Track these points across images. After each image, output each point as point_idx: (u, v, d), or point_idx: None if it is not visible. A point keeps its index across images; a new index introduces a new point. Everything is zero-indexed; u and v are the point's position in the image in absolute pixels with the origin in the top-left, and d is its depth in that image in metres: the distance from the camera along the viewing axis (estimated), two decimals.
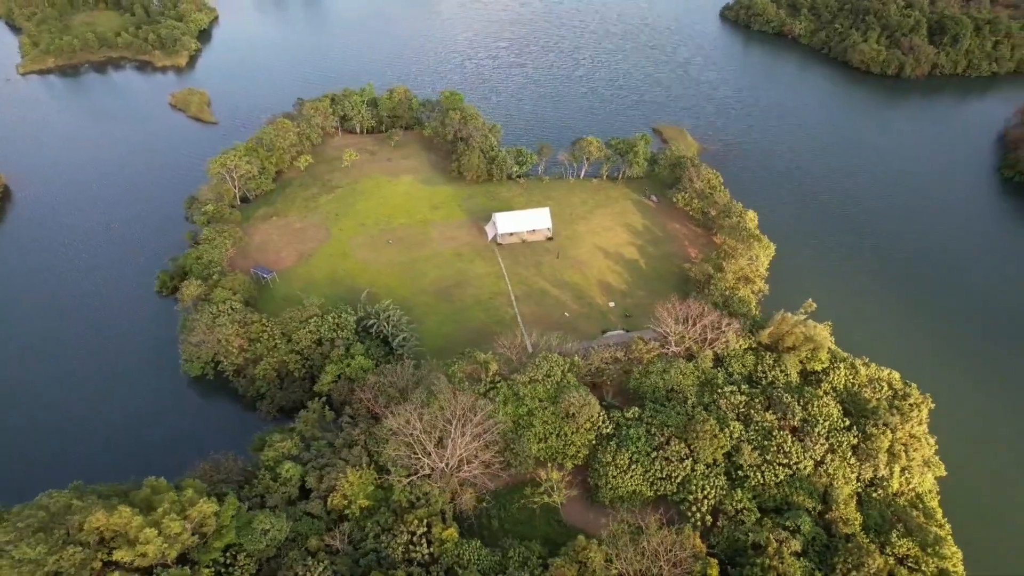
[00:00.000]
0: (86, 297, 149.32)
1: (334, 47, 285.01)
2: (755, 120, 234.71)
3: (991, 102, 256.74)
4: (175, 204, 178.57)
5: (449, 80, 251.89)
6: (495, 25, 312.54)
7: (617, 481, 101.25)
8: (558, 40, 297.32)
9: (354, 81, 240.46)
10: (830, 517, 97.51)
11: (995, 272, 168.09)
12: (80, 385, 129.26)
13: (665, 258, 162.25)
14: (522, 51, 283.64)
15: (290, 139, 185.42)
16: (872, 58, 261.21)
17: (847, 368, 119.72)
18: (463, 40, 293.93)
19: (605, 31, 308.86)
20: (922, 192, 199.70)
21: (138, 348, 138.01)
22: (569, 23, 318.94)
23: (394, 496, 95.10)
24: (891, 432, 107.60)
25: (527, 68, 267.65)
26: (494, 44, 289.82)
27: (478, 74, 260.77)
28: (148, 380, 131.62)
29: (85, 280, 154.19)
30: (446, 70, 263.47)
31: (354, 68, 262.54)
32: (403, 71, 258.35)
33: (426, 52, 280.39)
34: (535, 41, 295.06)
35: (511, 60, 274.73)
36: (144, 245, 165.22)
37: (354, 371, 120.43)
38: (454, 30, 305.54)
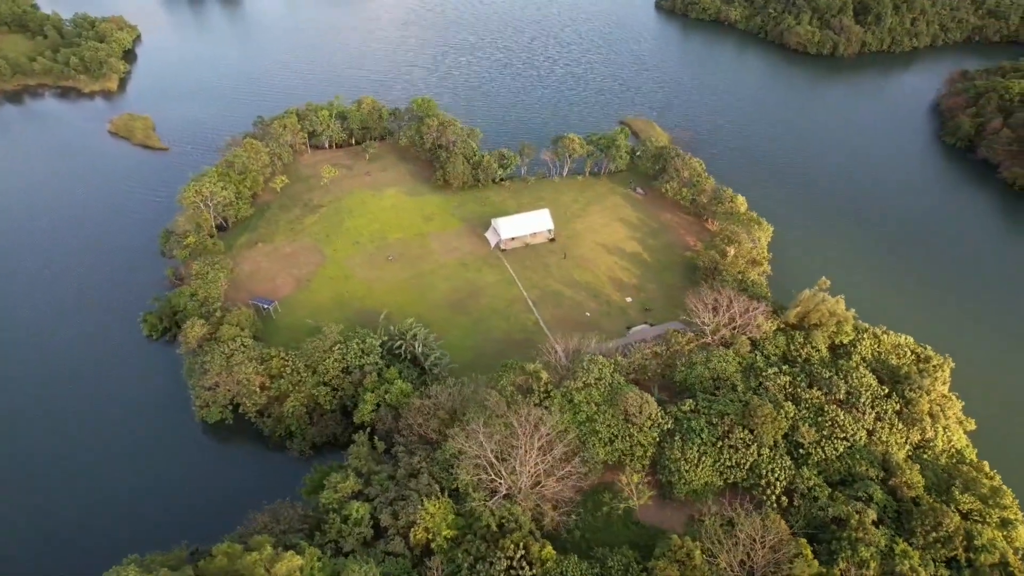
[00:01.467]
0: (69, 354, 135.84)
1: (272, 60, 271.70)
2: (712, 107, 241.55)
3: (917, 74, 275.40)
4: (143, 240, 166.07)
5: (403, 87, 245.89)
6: (436, 29, 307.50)
7: (691, 475, 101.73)
8: (503, 40, 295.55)
9: (302, 94, 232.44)
10: (894, 483, 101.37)
11: (954, 228, 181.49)
12: (90, 453, 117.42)
13: (666, 249, 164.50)
14: (471, 53, 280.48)
15: (263, 160, 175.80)
16: (808, 39, 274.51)
17: (871, 338, 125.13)
18: (410, 45, 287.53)
19: (550, 30, 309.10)
20: (875, 162, 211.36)
21: (141, 401, 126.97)
22: (511, 23, 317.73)
23: (482, 521, 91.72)
24: (926, 394, 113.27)
25: (481, 69, 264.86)
26: (440, 47, 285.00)
27: (430, 79, 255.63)
28: (162, 435, 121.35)
29: (62, 336, 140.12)
30: (395, 77, 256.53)
31: (299, 81, 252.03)
32: (353, 81, 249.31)
33: (372, 59, 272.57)
34: (483, 43, 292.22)
35: (462, 62, 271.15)
36: (118, 288, 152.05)
37: (395, 397, 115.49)
38: (394, 34, 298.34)
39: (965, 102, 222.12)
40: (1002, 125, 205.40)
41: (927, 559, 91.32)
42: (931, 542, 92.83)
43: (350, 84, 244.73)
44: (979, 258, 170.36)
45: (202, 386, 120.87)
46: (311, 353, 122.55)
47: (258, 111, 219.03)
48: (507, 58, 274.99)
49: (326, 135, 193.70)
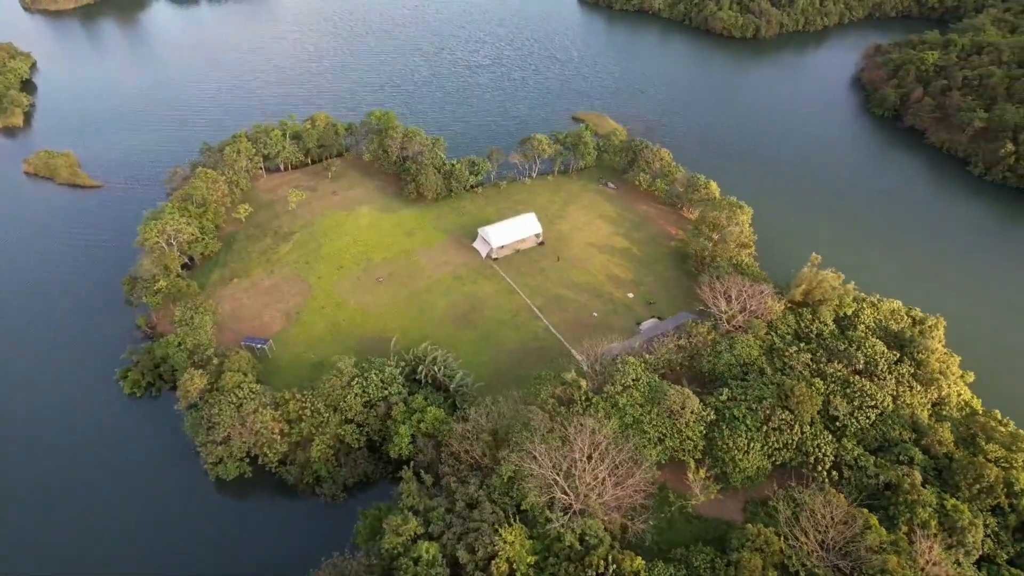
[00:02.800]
0: (46, 429, 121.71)
1: (188, 82, 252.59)
2: (656, 96, 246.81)
3: (832, 51, 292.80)
4: (99, 289, 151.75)
5: (339, 101, 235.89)
6: (355, 40, 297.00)
7: (744, 462, 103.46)
8: (431, 46, 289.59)
9: (235, 116, 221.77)
10: (926, 443, 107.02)
11: (898, 192, 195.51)
12: (97, 535, 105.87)
13: (652, 241, 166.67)
14: (402, 62, 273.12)
15: (221, 189, 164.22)
16: (732, 24, 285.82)
17: (869, 307, 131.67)
18: (335, 58, 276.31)
19: (477, 33, 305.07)
20: (815, 135, 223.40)
21: (141, 468, 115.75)
22: (433, 28, 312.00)
23: (563, 542, 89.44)
24: (932, 354, 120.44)
25: (416, 78, 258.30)
26: (368, 59, 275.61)
27: (363, 92, 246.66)
28: (173, 501, 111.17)
29: (31, 409, 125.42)
30: (332, 90, 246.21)
31: (225, 103, 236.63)
32: (280, 100, 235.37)
33: (297, 74, 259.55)
34: (410, 49, 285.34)
35: (395, 71, 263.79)
36: (82, 347, 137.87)
37: (429, 425, 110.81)
38: (312, 48, 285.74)
39: (886, 75, 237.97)
40: (923, 95, 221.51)
41: (975, 510, 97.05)
42: (975, 494, 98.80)
43: (279, 103, 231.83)
44: (924, 217, 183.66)
45: (212, 441, 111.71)
46: (329, 391, 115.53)
47: (191, 137, 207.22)
48: (440, 64, 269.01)
49: (281, 157, 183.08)
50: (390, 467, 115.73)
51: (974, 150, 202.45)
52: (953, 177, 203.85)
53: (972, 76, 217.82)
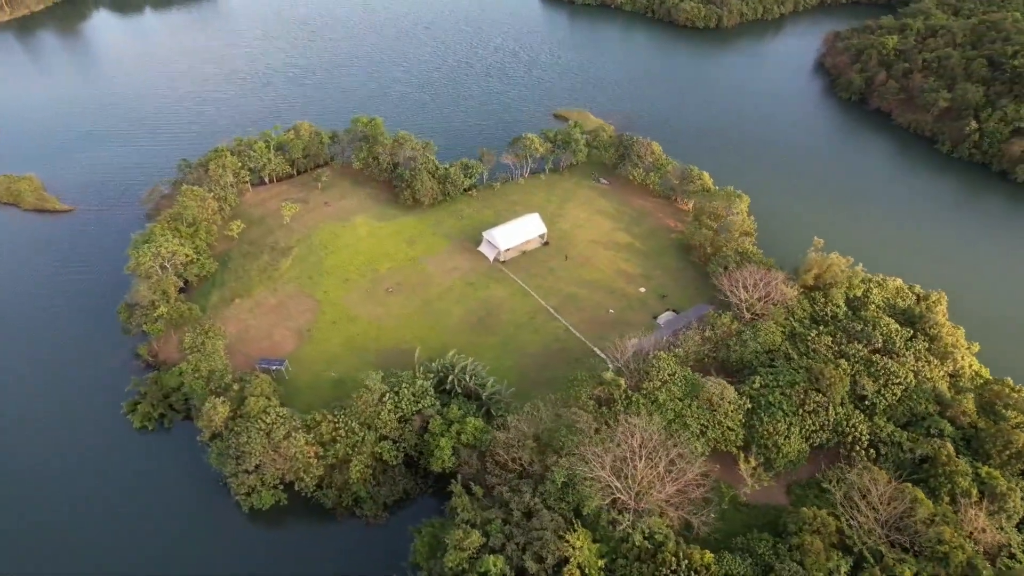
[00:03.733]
0: (55, 474, 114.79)
1: (148, 94, 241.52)
2: (630, 89, 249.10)
3: (791, 37, 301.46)
4: (89, 320, 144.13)
5: (313, 108, 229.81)
6: (320, 42, 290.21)
7: (786, 447, 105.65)
8: (398, 50, 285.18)
9: (203, 128, 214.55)
10: (951, 414, 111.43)
11: (874, 171, 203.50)
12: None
13: (652, 234, 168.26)
14: (373, 66, 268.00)
15: (211, 207, 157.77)
16: (695, 15, 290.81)
17: (876, 286, 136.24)
18: (297, 63, 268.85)
19: (444, 35, 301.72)
20: (786, 120, 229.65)
21: (169, 506, 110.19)
22: (400, 31, 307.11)
23: (629, 542, 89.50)
24: (942, 328, 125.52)
25: (388, 82, 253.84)
26: (333, 63, 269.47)
27: (337, 96, 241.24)
28: (209, 539, 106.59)
29: (40, 453, 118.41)
30: (300, 99, 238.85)
31: (193, 114, 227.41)
32: (255, 111, 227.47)
33: (263, 83, 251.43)
34: (375, 51, 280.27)
35: (367, 74, 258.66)
36: (80, 383, 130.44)
37: (470, 436, 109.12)
38: (274, 53, 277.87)
39: (849, 60, 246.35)
40: (887, 78, 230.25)
41: (1007, 475, 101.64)
42: (1006, 460, 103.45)
43: (249, 114, 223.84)
44: (899, 195, 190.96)
45: (243, 471, 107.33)
46: (362, 409, 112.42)
47: (161, 153, 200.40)
48: (410, 66, 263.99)
49: (267, 170, 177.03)
50: (428, 482, 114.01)
51: (940, 129, 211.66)
52: (922, 156, 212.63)
53: (931, 58, 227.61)
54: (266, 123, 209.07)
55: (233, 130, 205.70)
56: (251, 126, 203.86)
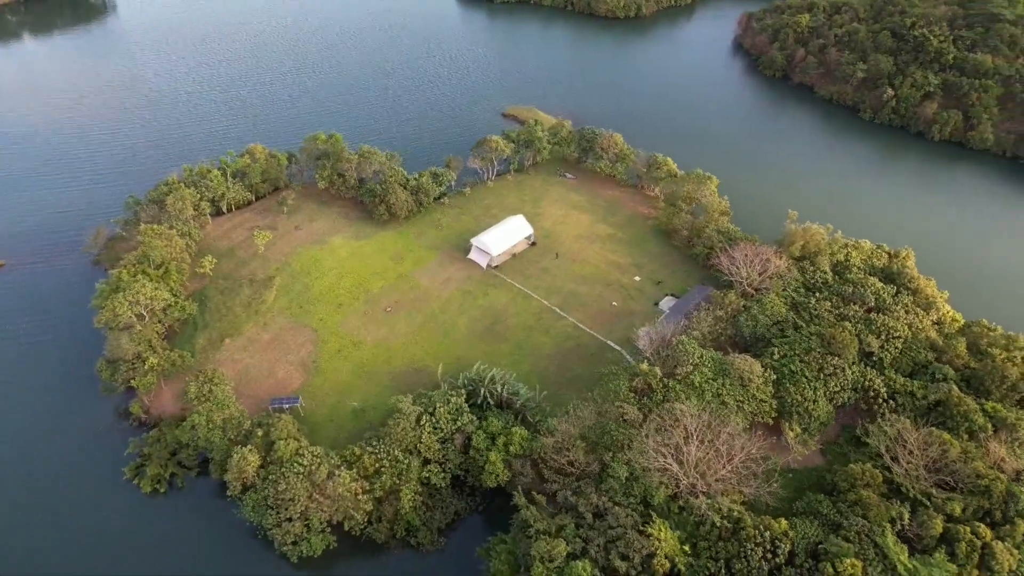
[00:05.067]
0: (74, 558, 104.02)
1: (56, 132, 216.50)
2: (569, 82, 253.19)
3: (705, 21, 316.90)
4: (60, 385, 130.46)
5: (245, 128, 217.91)
6: (230, 59, 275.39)
7: (816, 410, 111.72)
8: (316, 58, 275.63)
9: (136, 162, 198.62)
10: (947, 359, 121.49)
11: (804, 138, 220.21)
12: None
13: (630, 223, 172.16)
14: (296, 77, 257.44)
15: (178, 244, 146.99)
16: (615, 5, 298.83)
17: (852, 250, 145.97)
18: (212, 82, 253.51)
19: (364, 41, 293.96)
20: (718, 99, 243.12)
21: (207, 571, 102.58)
22: (316, 38, 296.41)
23: (707, 524, 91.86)
24: (919, 281, 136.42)
25: (320, 95, 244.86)
26: (249, 78, 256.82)
27: (273, 113, 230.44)
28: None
29: (49, 540, 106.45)
30: (230, 120, 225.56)
31: (115, 148, 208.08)
32: (185, 138, 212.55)
33: (184, 109, 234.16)
34: (299, 64, 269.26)
35: (297, 89, 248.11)
36: (70, 457, 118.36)
37: (518, 447, 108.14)
38: (187, 74, 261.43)
39: (767, 39, 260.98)
40: (805, 54, 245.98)
41: (1007, 407, 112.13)
42: (1005, 393, 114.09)
43: (179, 139, 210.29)
44: (833, 161, 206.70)
45: (286, 520, 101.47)
46: (401, 435, 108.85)
47: (92, 192, 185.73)
48: (346, 80, 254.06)
49: (226, 199, 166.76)
50: (475, 500, 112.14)
51: (860, 98, 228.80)
52: (847, 124, 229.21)
53: (841, 34, 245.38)
54: (202, 149, 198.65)
55: (167, 160, 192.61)
56: (185, 156, 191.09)
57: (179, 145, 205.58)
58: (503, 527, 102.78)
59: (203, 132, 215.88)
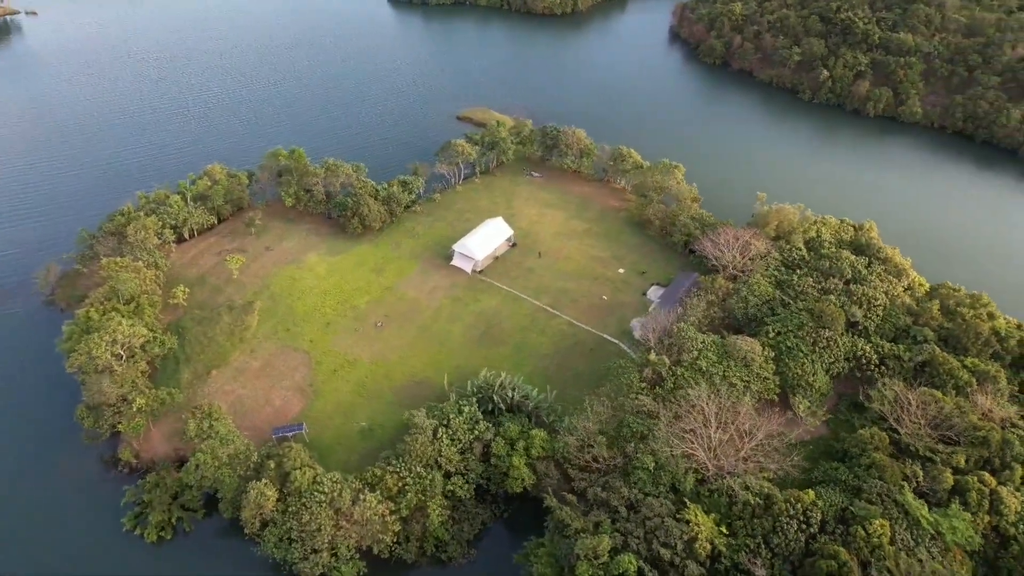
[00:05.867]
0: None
1: None
2: (516, 80, 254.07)
3: (639, 14, 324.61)
4: (30, 440, 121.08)
5: (192, 146, 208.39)
6: (163, 75, 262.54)
7: (817, 382, 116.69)
8: (257, 69, 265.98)
9: (71, 195, 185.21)
10: (923, 322, 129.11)
11: (749, 120, 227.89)
12: None
13: (603, 217, 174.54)
14: (240, 90, 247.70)
15: (149, 276, 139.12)
16: (552, 2, 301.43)
17: (822, 226, 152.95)
18: (139, 101, 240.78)
19: (307, 54, 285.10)
20: (664, 89, 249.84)
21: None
22: (255, 49, 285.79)
23: (747, 500, 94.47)
24: (886, 251, 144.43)
25: (272, 105, 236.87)
26: (186, 94, 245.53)
27: (213, 130, 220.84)
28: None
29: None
30: (168, 141, 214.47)
31: (48, 179, 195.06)
32: (124, 165, 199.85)
33: (117, 132, 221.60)
34: (245, 76, 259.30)
35: (244, 103, 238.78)
36: (63, 512, 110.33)
37: (539, 449, 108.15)
38: (112, 93, 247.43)
39: (705, 28, 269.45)
40: (742, 41, 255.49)
41: (984, 360, 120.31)
42: (980, 348, 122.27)
43: (115, 164, 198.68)
44: (778, 140, 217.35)
45: (312, 551, 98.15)
46: (421, 451, 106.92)
47: (26, 227, 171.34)
48: (292, 92, 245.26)
49: (188, 225, 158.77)
50: (499, 507, 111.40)
51: (799, 80, 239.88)
52: (789, 105, 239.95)
53: (774, 20, 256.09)
54: (151, 175, 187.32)
55: (114, 189, 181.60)
56: (138, 181, 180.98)
57: (125, 173, 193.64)
58: (529, 531, 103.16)
59: (148, 157, 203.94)
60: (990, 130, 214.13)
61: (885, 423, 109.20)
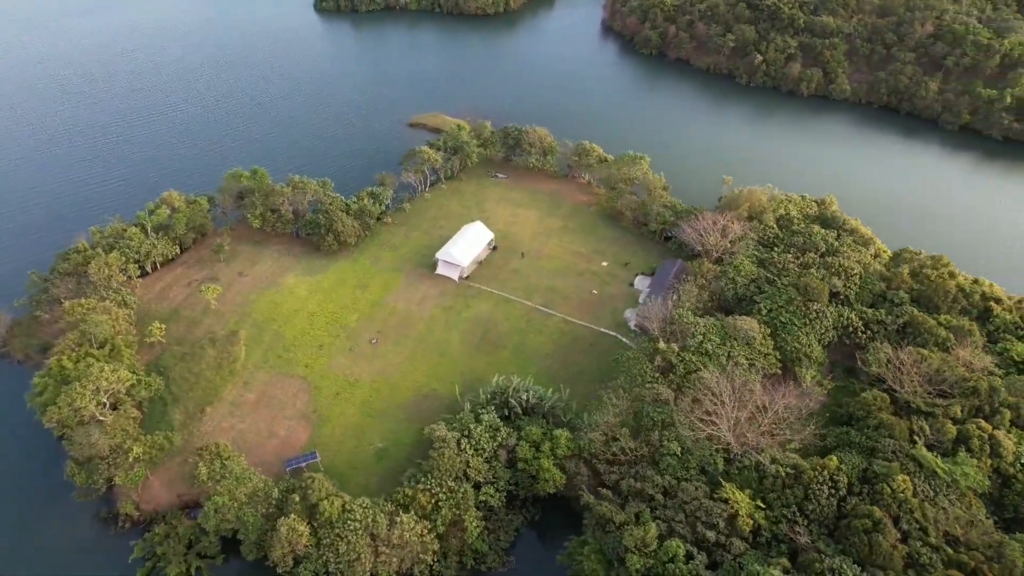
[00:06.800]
0: None
1: None
2: (459, 83, 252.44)
3: (568, 9, 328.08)
4: (17, 498, 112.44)
5: (134, 175, 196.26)
6: (96, 97, 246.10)
7: (814, 353, 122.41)
8: (187, 88, 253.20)
9: None
10: (896, 284, 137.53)
11: (692, 106, 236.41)
12: None
13: (576, 212, 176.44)
14: (175, 111, 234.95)
15: (120, 315, 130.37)
16: (484, 3, 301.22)
17: (787, 203, 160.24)
18: (74, 130, 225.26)
19: (241, 72, 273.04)
20: (600, 79, 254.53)
21: None
22: (186, 67, 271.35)
23: (779, 472, 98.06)
24: (850, 223, 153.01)
25: (221, 125, 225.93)
26: (114, 118, 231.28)
27: (156, 154, 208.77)
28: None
29: None
30: (107, 171, 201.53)
31: None
32: (58, 202, 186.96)
33: (41, 161, 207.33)
34: (183, 100, 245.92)
35: (186, 124, 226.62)
36: (64, 571, 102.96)
37: (565, 448, 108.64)
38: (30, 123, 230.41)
39: (638, 19, 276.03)
40: (677, 31, 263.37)
41: (955, 316, 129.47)
42: (950, 305, 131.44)
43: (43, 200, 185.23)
44: (723, 124, 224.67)
45: None
46: (448, 465, 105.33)
47: None
48: (234, 110, 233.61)
49: (152, 257, 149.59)
50: (528, 511, 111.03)
51: (735, 65, 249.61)
52: (728, 90, 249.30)
53: (704, 8, 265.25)
54: (99, 208, 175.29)
55: (52, 225, 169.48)
56: (86, 216, 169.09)
57: (70, 208, 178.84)
58: (562, 531, 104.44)
59: (93, 190, 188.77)
60: (912, 102, 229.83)
61: (883, 384, 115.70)
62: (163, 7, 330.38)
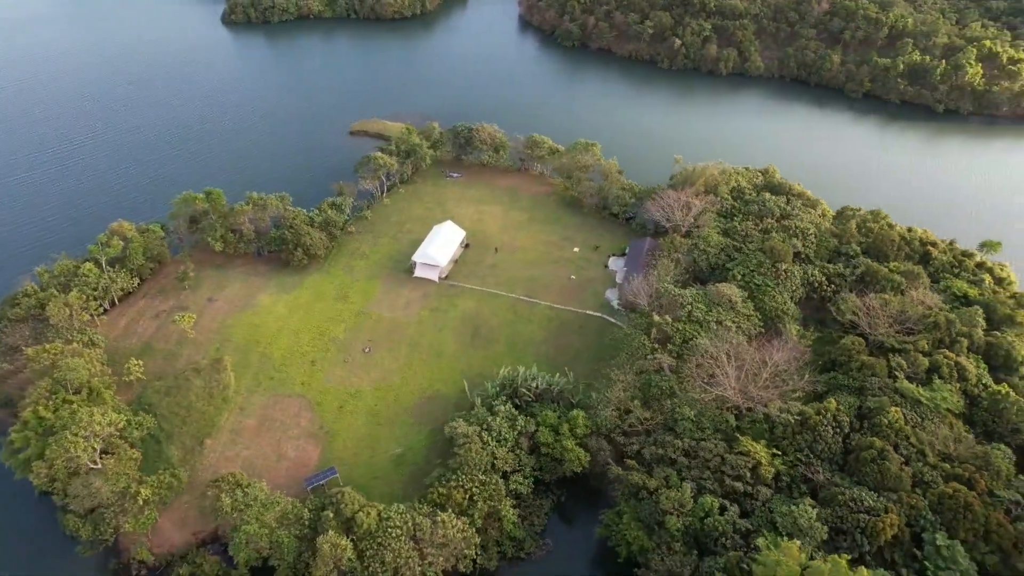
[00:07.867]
0: None
1: None
2: (390, 87, 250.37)
3: (485, 5, 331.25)
4: (29, 556, 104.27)
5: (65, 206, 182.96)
6: None
7: (789, 309, 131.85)
8: (107, 111, 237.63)
9: None
10: (847, 239, 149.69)
11: (620, 93, 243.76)
12: None
13: (536, 204, 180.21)
14: (93, 135, 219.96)
15: (94, 356, 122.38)
16: (401, 5, 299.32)
17: (740, 174, 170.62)
18: None
19: (158, 91, 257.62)
20: (523, 75, 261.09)
21: None
22: (104, 90, 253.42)
23: (788, 421, 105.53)
24: (796, 188, 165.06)
25: (147, 148, 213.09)
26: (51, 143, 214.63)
27: (82, 181, 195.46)
28: None
29: None
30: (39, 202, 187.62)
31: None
32: None
33: None
34: (103, 124, 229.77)
35: (111, 148, 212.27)
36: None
37: (583, 428, 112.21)
38: None
39: (556, 13, 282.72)
40: (596, 21, 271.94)
41: (902, 263, 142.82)
42: (896, 252, 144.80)
43: None
44: (650, 108, 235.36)
45: None
46: (476, 459, 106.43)
47: None
48: (160, 131, 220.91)
49: (111, 292, 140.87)
50: (553, 493, 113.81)
51: (656, 51, 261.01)
52: (651, 75, 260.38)
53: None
54: (33, 246, 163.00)
55: None
56: (20, 256, 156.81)
57: (4, 250, 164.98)
58: (590, 507, 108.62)
59: (26, 228, 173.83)
60: (819, 74, 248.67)
61: (856, 329, 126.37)
62: (39, 35, 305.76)
